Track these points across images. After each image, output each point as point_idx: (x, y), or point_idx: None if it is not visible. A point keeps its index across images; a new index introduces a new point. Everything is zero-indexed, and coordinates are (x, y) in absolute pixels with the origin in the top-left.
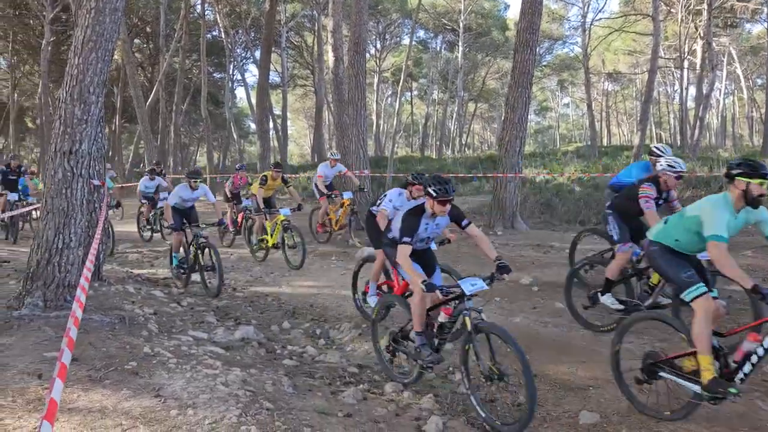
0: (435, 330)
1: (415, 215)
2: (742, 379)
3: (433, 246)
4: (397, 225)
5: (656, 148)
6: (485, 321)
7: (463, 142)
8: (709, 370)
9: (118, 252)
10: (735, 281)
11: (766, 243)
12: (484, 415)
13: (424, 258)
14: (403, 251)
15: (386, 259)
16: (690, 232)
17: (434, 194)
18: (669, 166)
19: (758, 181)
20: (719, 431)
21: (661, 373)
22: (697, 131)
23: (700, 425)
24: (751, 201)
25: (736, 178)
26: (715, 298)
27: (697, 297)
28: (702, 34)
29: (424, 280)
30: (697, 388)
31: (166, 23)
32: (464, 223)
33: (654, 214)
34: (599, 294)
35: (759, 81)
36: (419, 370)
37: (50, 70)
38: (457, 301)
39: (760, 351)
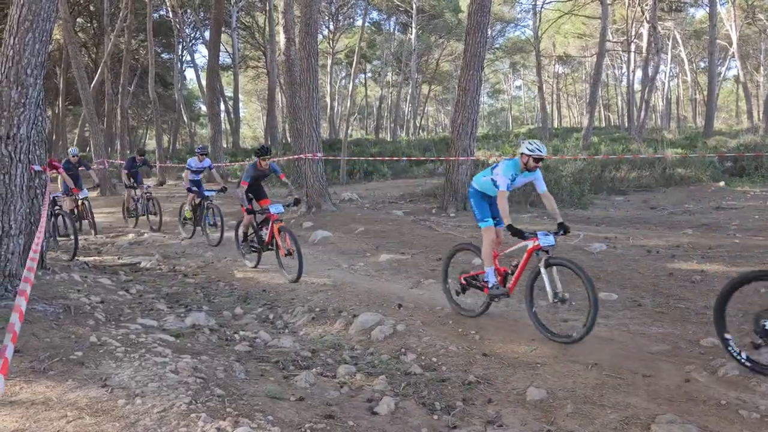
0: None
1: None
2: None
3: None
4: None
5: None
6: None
7: (418, 125)
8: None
9: (62, 239)
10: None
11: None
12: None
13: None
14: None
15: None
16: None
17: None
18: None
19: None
20: (659, 402)
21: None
22: (643, 113)
23: (641, 398)
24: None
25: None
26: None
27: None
28: (648, 18)
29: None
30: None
31: (111, 1)
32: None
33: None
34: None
35: (702, 64)
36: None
37: None
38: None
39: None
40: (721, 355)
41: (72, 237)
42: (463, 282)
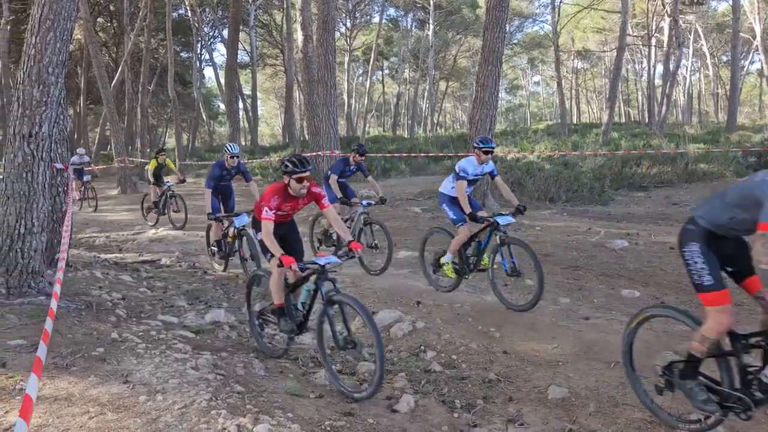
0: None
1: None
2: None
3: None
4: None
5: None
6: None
7: (435, 121)
8: (447, 264)
9: (85, 236)
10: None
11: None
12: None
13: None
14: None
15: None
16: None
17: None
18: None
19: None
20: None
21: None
22: (664, 108)
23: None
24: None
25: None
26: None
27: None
28: (669, 12)
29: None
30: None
31: (130, 1)
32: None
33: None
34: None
35: (724, 58)
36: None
37: (10, 50)
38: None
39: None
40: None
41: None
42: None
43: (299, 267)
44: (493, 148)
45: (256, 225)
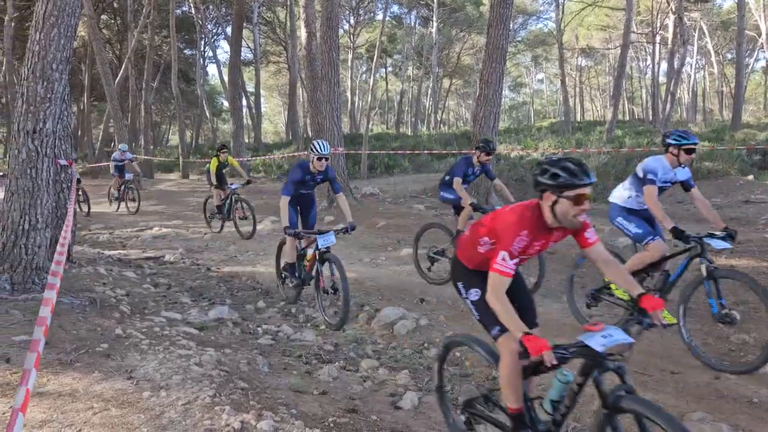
0: None
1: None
2: None
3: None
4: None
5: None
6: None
7: (438, 119)
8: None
9: (89, 233)
10: None
11: (731, 217)
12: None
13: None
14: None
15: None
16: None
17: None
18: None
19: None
20: (689, 400)
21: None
22: (668, 106)
23: (670, 395)
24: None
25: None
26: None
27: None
28: (674, 9)
29: None
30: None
31: None
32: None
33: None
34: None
35: (729, 56)
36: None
37: (14, 47)
38: None
39: None
40: (752, 352)
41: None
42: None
43: (556, 355)
44: (696, 143)
45: (458, 272)
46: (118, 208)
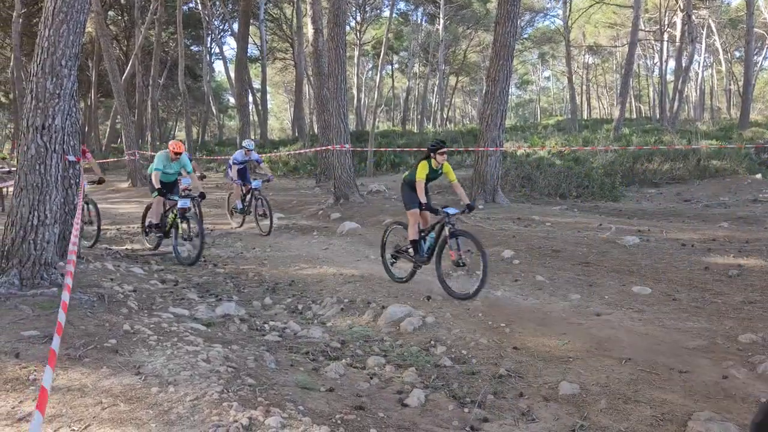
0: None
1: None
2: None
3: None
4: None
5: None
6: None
7: (445, 116)
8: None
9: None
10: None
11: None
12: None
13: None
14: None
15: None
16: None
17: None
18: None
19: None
20: (696, 399)
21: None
22: (676, 104)
23: (677, 394)
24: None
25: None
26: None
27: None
28: (682, 7)
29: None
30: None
31: None
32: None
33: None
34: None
35: (737, 54)
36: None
37: (22, 42)
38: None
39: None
40: (760, 351)
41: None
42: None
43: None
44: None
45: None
46: (242, 224)
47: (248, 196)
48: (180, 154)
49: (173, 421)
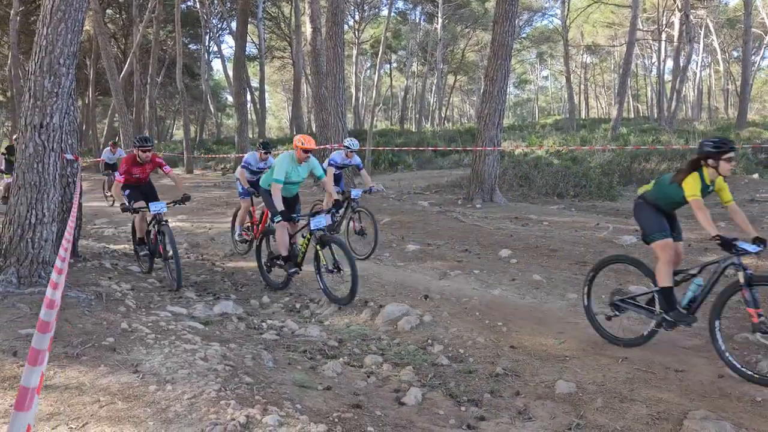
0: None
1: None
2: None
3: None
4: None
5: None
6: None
7: (443, 115)
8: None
9: (94, 227)
10: None
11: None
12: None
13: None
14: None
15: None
16: None
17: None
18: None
19: None
20: (692, 398)
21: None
22: (673, 104)
23: (673, 393)
24: None
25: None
26: None
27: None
28: (680, 7)
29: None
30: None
31: None
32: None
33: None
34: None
35: (735, 54)
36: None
37: (20, 41)
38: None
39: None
40: (756, 351)
41: None
42: None
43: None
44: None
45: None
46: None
47: (342, 209)
48: (310, 152)
49: (171, 419)
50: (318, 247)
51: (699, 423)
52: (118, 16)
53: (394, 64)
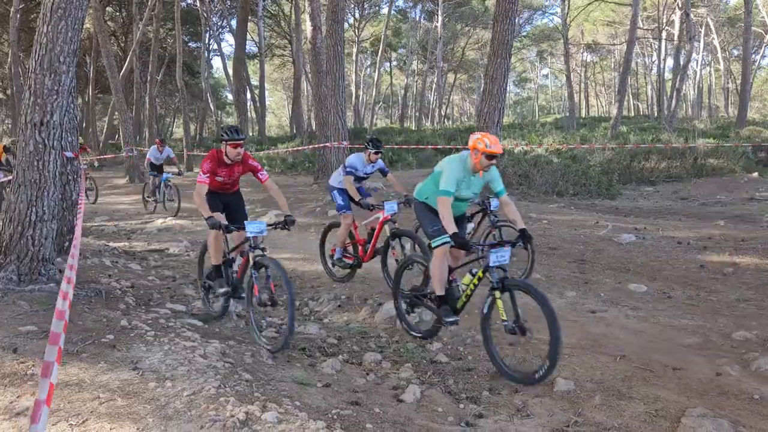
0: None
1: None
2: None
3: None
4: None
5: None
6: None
7: (443, 114)
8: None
9: (94, 225)
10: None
11: (735, 214)
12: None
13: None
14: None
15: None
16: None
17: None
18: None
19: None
20: (690, 395)
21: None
22: (674, 102)
23: (671, 390)
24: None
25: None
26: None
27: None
28: (680, 5)
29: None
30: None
31: None
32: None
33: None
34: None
35: (735, 52)
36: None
37: (20, 38)
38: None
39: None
40: (754, 348)
41: None
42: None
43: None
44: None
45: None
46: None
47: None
48: (495, 158)
49: (170, 415)
50: (497, 293)
51: (696, 420)
52: (118, 13)
53: (394, 63)
